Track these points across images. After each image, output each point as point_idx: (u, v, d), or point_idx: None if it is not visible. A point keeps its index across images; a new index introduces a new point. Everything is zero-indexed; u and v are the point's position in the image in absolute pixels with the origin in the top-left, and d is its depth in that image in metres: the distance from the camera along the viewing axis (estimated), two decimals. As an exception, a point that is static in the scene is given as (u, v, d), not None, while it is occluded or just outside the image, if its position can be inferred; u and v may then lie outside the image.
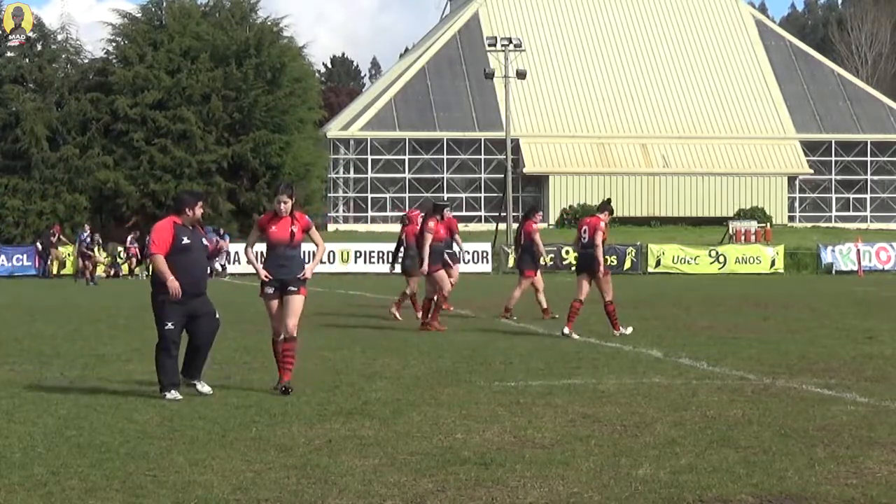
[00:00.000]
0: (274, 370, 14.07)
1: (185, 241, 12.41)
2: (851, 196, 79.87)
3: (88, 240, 44.66)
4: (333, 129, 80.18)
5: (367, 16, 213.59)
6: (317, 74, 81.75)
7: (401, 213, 28.44)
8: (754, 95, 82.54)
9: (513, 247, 21.79)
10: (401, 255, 23.69)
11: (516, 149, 75.01)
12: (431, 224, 20.28)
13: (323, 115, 67.45)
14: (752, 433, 9.76)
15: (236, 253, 47.44)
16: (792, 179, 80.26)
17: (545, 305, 22.93)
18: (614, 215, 21.06)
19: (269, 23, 59.33)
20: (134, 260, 49.83)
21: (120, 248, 49.95)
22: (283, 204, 12.54)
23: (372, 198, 78.61)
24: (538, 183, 78.90)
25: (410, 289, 23.04)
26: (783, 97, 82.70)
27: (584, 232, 19.69)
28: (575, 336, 18.22)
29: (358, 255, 50.17)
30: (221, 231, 47.57)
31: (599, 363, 14.61)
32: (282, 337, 12.49)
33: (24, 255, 48.54)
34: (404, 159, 78.48)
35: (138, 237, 50.61)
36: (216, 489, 7.81)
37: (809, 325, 20.67)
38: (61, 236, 48.91)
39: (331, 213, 77.40)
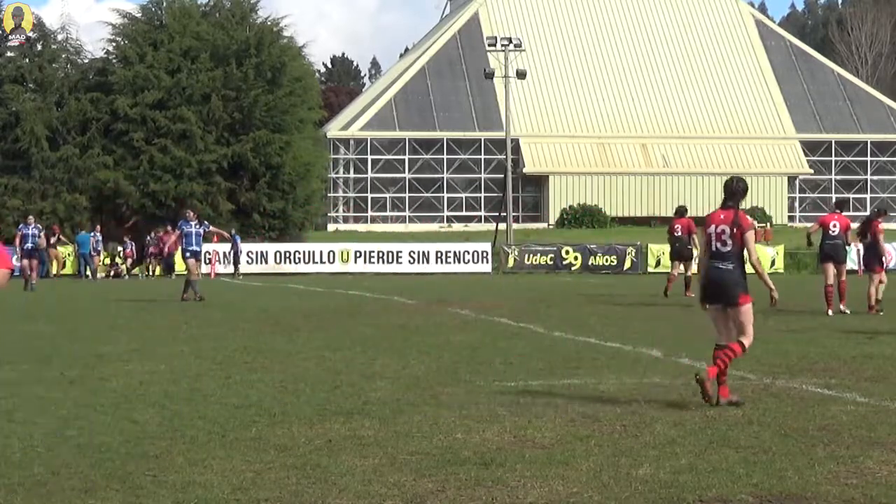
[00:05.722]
0: (273, 370, 14.08)
1: None
2: (851, 196, 79.93)
3: (38, 234, 37.85)
4: (333, 129, 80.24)
5: (367, 16, 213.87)
6: (317, 74, 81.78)
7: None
8: (754, 95, 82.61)
9: (857, 242, 24.58)
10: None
11: (516, 149, 75.07)
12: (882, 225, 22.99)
13: (323, 115, 67.44)
14: (752, 433, 9.76)
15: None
16: (792, 179, 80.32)
17: (873, 302, 23.76)
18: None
19: (269, 23, 59.33)
20: (129, 261, 49.87)
21: (119, 248, 50.00)
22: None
23: (372, 198, 78.67)
24: (538, 183, 78.95)
25: (690, 271, 26.70)
26: (783, 97, 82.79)
27: (834, 226, 23.53)
28: (832, 312, 22.80)
29: (358, 254, 50.20)
30: (233, 231, 47.32)
31: (599, 363, 14.60)
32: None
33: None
34: (404, 159, 78.54)
35: (134, 238, 50.68)
36: (216, 489, 7.81)
37: (809, 325, 20.66)
38: (61, 236, 48.90)
39: (331, 213, 77.47)
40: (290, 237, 56.28)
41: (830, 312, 23.00)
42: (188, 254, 28.75)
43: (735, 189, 11.47)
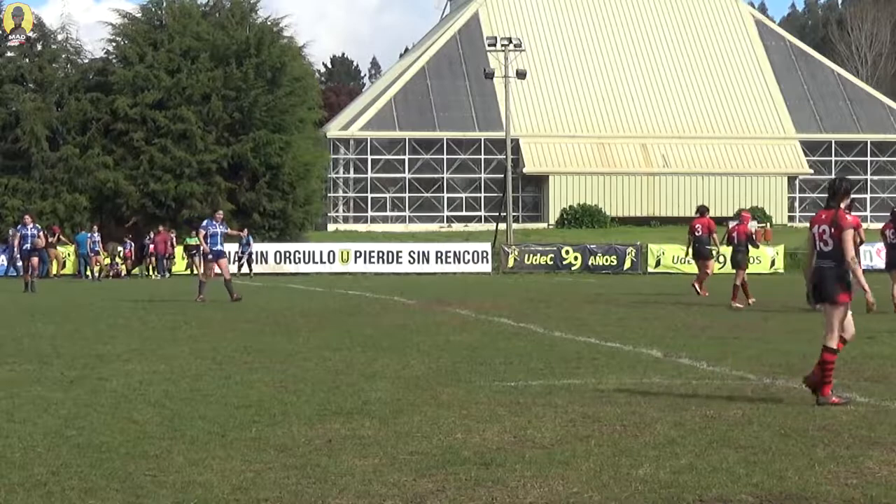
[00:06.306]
0: (273, 370, 14.09)
1: None
2: (851, 196, 79.83)
3: (37, 234, 36.10)
4: (333, 129, 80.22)
5: (367, 16, 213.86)
6: (317, 74, 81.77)
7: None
8: (754, 95, 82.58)
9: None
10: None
11: (516, 149, 75.04)
12: None
13: (323, 115, 67.44)
14: (752, 433, 9.76)
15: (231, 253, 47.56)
16: (792, 179, 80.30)
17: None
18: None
19: (269, 23, 59.33)
20: (130, 262, 49.95)
21: (119, 248, 50.05)
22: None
23: (372, 198, 78.63)
24: (538, 183, 78.92)
25: (740, 279, 26.29)
26: (783, 97, 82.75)
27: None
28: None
29: (358, 254, 50.23)
30: (246, 231, 47.33)
31: (599, 363, 14.60)
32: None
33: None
34: (404, 159, 78.51)
35: (134, 238, 50.73)
36: (216, 489, 7.80)
37: (809, 325, 20.64)
38: (61, 236, 48.91)
39: (331, 213, 77.45)
40: (290, 237, 56.28)
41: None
42: (210, 255, 28.45)
43: (836, 189, 11.81)
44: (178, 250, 50.00)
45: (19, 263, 39.11)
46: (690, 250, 30.21)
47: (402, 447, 9.16)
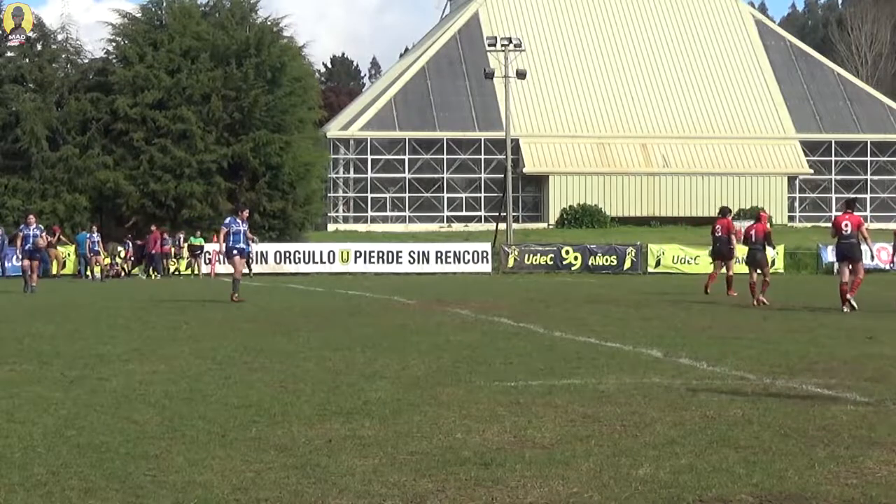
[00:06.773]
0: (273, 370, 14.08)
1: None
2: (851, 196, 79.88)
3: (39, 234, 36.25)
4: (333, 129, 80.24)
5: (367, 16, 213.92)
6: (317, 74, 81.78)
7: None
8: (754, 95, 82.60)
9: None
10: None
11: (516, 149, 75.05)
12: None
13: (323, 115, 67.46)
14: (752, 433, 9.75)
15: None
16: (792, 179, 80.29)
17: None
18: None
19: (269, 23, 59.36)
20: (131, 262, 49.96)
21: (120, 248, 50.06)
22: None
23: (372, 198, 78.64)
24: (538, 183, 78.92)
25: (765, 275, 26.92)
26: (783, 97, 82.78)
27: (846, 226, 24.24)
28: (847, 309, 23.39)
29: (358, 254, 50.24)
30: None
31: (599, 363, 14.59)
32: None
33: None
34: (404, 159, 78.54)
35: (134, 238, 50.72)
36: (216, 489, 7.80)
37: (809, 325, 20.65)
38: (61, 236, 48.90)
39: (331, 213, 77.46)
40: (290, 237, 56.28)
41: (846, 309, 23.44)
42: (235, 251, 28.31)
43: None
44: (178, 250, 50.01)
45: (9, 264, 39.34)
46: (710, 249, 31.80)
47: (402, 447, 9.16)
